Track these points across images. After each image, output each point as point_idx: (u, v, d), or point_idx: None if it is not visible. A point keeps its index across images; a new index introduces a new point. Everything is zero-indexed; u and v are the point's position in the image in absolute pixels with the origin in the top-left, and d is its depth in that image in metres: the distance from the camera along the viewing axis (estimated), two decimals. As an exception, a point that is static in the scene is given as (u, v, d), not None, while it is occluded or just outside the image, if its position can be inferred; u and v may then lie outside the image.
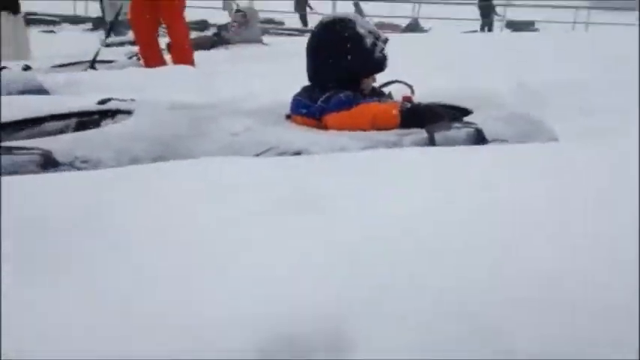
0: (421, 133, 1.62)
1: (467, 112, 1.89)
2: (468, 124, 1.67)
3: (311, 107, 1.80)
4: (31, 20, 9.98)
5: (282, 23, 14.43)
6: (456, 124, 1.66)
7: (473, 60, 4.32)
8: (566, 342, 0.66)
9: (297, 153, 1.54)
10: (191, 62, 4.56)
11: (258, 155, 1.53)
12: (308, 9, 16.55)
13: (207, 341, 0.65)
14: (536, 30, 12.99)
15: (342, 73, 1.80)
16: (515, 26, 14.43)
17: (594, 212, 0.85)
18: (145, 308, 0.70)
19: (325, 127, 1.74)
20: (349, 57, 1.79)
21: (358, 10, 13.89)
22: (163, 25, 4.72)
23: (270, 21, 12.81)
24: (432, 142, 1.59)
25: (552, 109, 2.69)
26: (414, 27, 13.67)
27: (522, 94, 2.98)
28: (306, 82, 1.89)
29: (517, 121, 1.74)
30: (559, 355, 0.65)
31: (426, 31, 13.02)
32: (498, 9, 15.42)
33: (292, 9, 15.72)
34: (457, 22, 14.10)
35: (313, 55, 1.86)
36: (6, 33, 5.64)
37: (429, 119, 1.69)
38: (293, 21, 15.35)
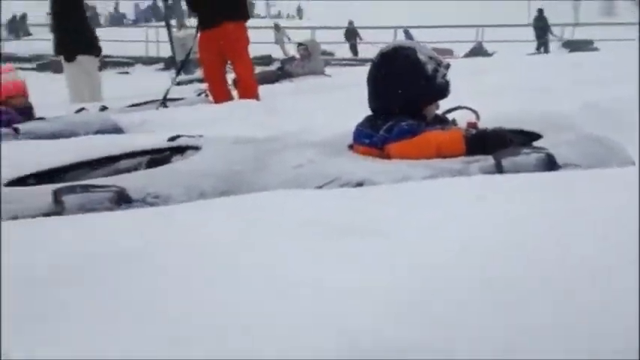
0: (488, 160, 1.58)
1: (536, 136, 1.83)
2: (538, 149, 1.61)
3: (373, 137, 1.79)
4: (107, 62, 10.57)
5: (332, 54, 14.65)
6: (525, 150, 1.61)
7: (538, 82, 4.20)
8: None
9: (360, 184, 1.53)
10: (256, 96, 4.68)
11: (320, 187, 1.54)
12: (358, 39, 16.83)
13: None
14: (595, 49, 12.40)
15: (403, 102, 1.79)
16: (572, 46, 13.91)
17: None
18: (210, 335, 0.71)
19: (388, 157, 1.73)
20: (410, 85, 1.78)
21: (408, 37, 13.94)
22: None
23: (322, 52, 13.02)
24: (499, 168, 1.55)
25: (624, 130, 2.56)
26: (477, 51, 13.51)
27: (591, 114, 2.85)
28: (368, 112, 1.89)
29: (589, 144, 1.67)
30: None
31: (490, 54, 12.81)
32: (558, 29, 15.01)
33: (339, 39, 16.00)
34: (523, 45, 13.81)
35: (374, 85, 1.86)
36: (82, 76, 6.00)
37: (495, 145, 1.64)
38: (343, 51, 15.54)
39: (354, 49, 16.55)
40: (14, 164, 1.98)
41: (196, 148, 1.91)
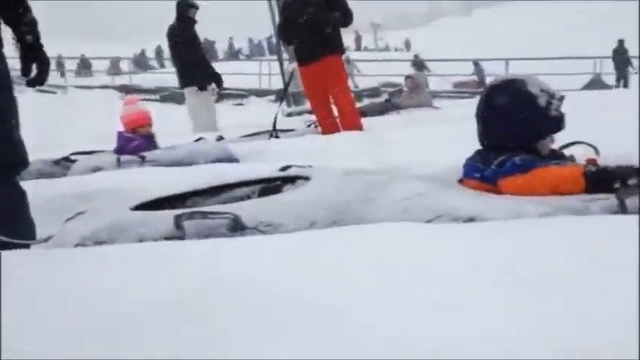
0: (610, 199, 1.49)
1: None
2: (666, 188, 1.50)
3: (485, 171, 1.75)
4: (223, 95, 11.17)
5: (396, 85, 14.53)
6: (651, 189, 1.50)
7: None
8: None
9: (471, 219, 1.50)
10: (359, 127, 4.74)
11: (430, 221, 1.53)
12: (425, 71, 16.63)
13: None
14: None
15: (515, 136, 1.74)
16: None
17: None
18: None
19: (500, 193, 1.69)
20: (522, 119, 1.73)
21: (478, 69, 13.74)
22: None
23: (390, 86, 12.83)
24: (623, 209, 1.45)
25: None
26: (595, 83, 12.77)
27: None
28: (477, 146, 1.85)
29: None
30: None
31: (610, 87, 12.06)
32: None
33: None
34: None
35: (484, 119, 1.82)
36: (201, 107, 6.41)
37: (619, 183, 1.55)
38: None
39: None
40: (140, 189, 2.14)
41: (306, 179, 1.96)
